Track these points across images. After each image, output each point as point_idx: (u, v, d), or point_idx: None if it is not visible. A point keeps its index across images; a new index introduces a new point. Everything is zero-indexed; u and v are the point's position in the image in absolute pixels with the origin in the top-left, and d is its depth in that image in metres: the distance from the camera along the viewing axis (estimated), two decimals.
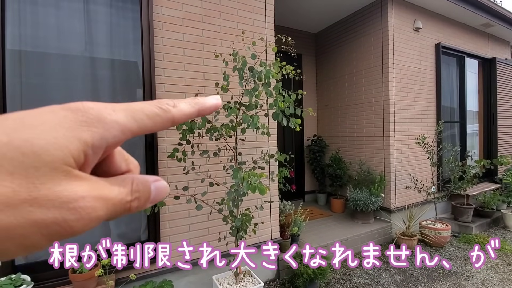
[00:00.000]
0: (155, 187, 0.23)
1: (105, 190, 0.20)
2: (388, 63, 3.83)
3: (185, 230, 2.38)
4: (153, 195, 0.23)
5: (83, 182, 0.18)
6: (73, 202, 0.17)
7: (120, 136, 0.20)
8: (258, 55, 2.00)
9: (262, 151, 2.46)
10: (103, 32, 2.20)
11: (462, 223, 4.19)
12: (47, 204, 0.17)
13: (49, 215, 0.17)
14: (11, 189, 0.16)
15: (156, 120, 0.21)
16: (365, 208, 3.75)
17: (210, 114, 2.09)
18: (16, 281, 1.75)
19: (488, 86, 5.40)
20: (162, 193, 0.23)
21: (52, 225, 0.17)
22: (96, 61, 2.20)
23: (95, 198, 0.19)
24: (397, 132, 3.93)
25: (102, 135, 0.19)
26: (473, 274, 3.03)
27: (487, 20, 4.61)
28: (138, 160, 1.89)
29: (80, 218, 0.18)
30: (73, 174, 0.18)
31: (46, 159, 0.17)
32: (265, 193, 1.61)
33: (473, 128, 5.48)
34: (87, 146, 0.18)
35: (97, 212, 0.19)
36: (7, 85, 1.87)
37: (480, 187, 4.89)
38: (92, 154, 0.19)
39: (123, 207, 0.20)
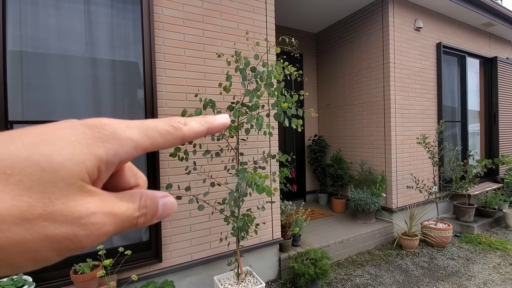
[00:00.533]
0: (163, 203, 0.23)
1: (115, 206, 0.20)
2: (389, 62, 3.82)
3: (186, 231, 2.38)
4: (160, 212, 0.23)
5: (95, 197, 0.19)
6: (85, 218, 0.18)
7: (133, 153, 0.21)
8: (261, 55, 2.00)
9: (263, 151, 2.45)
10: (104, 32, 2.20)
11: (463, 223, 4.18)
12: (61, 219, 0.17)
13: (61, 230, 0.17)
14: (27, 203, 0.16)
15: (167, 138, 0.22)
16: (367, 208, 3.74)
17: (213, 114, 2.09)
18: (18, 282, 1.75)
19: (490, 86, 5.39)
20: (170, 210, 0.24)
21: (63, 240, 0.17)
22: (97, 61, 2.20)
23: (105, 214, 0.19)
24: (398, 131, 3.92)
25: (116, 151, 0.20)
26: (475, 274, 3.02)
27: (488, 20, 4.60)
28: (139, 159, 1.90)
29: (90, 234, 0.18)
30: (87, 190, 0.18)
31: (63, 175, 0.17)
32: (272, 195, 1.61)
33: (475, 127, 5.46)
34: (102, 161, 0.19)
35: (106, 228, 0.19)
36: (8, 86, 1.87)
37: (481, 186, 4.88)
38: (105, 170, 0.20)
39: (130, 222, 0.21)
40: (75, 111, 2.14)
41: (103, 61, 2.22)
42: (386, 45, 3.86)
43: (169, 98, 2.29)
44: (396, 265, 3.21)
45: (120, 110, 2.32)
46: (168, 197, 0.24)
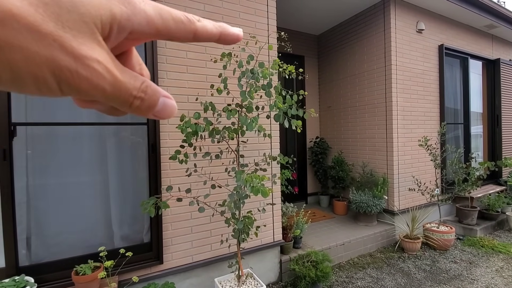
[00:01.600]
0: (164, 101, 0.23)
1: (118, 70, 0.20)
2: (391, 64, 3.82)
3: (187, 232, 2.38)
4: (159, 107, 0.22)
5: (103, 50, 0.19)
6: (89, 60, 0.18)
7: (145, 27, 0.20)
8: (256, 56, 2.00)
9: (264, 153, 2.45)
10: None
11: (466, 225, 4.15)
12: (68, 49, 0.17)
13: (66, 59, 0.17)
14: (42, 16, 0.16)
15: (180, 26, 0.22)
16: (368, 210, 3.73)
17: (213, 116, 2.10)
18: (20, 283, 1.76)
19: (492, 88, 5.36)
20: (169, 111, 0.23)
21: (65, 69, 0.17)
22: None
23: (107, 70, 0.19)
24: (400, 134, 3.91)
25: (129, 16, 0.19)
26: (477, 277, 2.99)
27: (491, 21, 4.59)
28: (142, 161, 1.91)
29: (89, 77, 0.18)
30: (97, 38, 0.18)
31: (80, 9, 0.17)
32: (268, 196, 1.61)
33: (477, 129, 5.43)
34: (115, 20, 0.19)
35: (104, 83, 0.19)
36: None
37: (484, 189, 4.85)
38: (116, 33, 0.19)
39: (125, 98, 0.20)
40: (77, 113, 2.16)
41: None
42: (387, 47, 3.85)
43: None
44: (398, 268, 3.19)
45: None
46: (171, 99, 0.23)
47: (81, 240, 2.14)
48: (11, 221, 1.89)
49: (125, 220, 2.31)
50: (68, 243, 2.11)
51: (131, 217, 2.33)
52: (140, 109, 0.22)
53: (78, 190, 2.18)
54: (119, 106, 0.21)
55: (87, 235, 2.18)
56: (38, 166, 2.05)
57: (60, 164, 2.11)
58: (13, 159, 1.90)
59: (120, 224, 2.29)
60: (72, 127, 2.15)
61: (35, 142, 2.05)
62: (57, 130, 2.10)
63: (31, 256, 2.02)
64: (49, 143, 2.09)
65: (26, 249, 2.01)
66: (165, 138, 2.28)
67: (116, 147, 2.30)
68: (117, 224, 2.27)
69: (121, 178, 2.31)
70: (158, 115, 0.23)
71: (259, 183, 1.54)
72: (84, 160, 2.21)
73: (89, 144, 2.23)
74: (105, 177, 2.26)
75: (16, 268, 1.91)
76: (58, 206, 2.11)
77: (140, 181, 2.35)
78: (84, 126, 2.18)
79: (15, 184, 1.91)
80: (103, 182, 2.25)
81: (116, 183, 2.28)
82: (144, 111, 0.22)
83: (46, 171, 2.08)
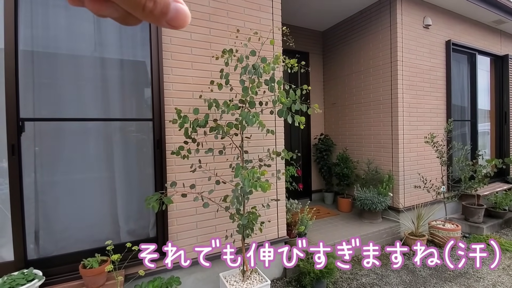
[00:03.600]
0: (175, 6, 0.22)
1: None
2: (397, 61, 3.78)
3: (192, 228, 2.40)
4: (171, 12, 0.22)
5: None
6: None
7: None
8: (258, 51, 2.00)
9: (268, 149, 2.45)
10: (112, 33, 2.23)
11: (472, 223, 4.11)
12: None
13: None
14: None
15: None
16: (373, 207, 3.71)
17: (215, 113, 2.10)
18: (28, 276, 1.80)
19: (501, 84, 5.27)
20: (181, 18, 0.23)
21: None
22: (106, 61, 2.23)
23: None
24: (405, 130, 3.87)
25: None
26: (484, 275, 2.97)
27: (499, 17, 4.50)
28: (147, 157, 1.93)
29: None
30: None
31: None
32: (267, 190, 1.62)
33: (485, 127, 5.36)
34: None
35: None
36: (20, 85, 1.91)
37: (491, 187, 4.79)
38: None
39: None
40: (84, 109, 2.18)
41: (112, 61, 2.25)
42: (394, 43, 3.81)
43: (176, 96, 2.31)
44: (403, 265, 3.18)
45: (128, 108, 2.35)
46: (183, 4, 0.23)
47: (88, 235, 2.17)
48: (20, 215, 1.92)
49: (131, 215, 2.34)
50: (76, 238, 2.14)
51: (137, 212, 2.35)
52: (153, 14, 0.21)
53: (85, 185, 2.21)
54: (132, 9, 0.21)
55: (94, 229, 2.20)
56: (46, 161, 2.08)
57: (68, 160, 2.14)
58: (21, 154, 1.93)
59: (127, 219, 2.31)
60: (79, 123, 2.17)
61: (43, 138, 2.07)
62: (65, 126, 2.13)
63: (39, 250, 2.05)
64: (56, 139, 2.12)
65: (34, 243, 2.04)
66: (170, 134, 2.29)
67: (122, 143, 2.32)
68: (123, 219, 2.29)
69: (127, 174, 2.33)
70: (172, 23, 0.23)
71: (257, 178, 1.55)
72: (90, 156, 2.23)
73: (96, 140, 2.25)
74: (111, 172, 2.28)
75: (25, 262, 1.94)
76: (65, 201, 2.14)
77: (146, 177, 2.37)
78: (91, 122, 2.20)
79: (24, 179, 1.94)
80: (110, 178, 2.28)
81: (122, 179, 2.31)
82: (157, 17, 0.22)
83: (53, 166, 2.11)
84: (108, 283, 1.91)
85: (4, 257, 1.94)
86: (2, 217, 1.94)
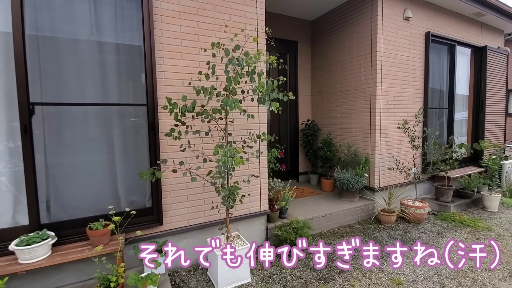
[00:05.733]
0: None
1: None
2: (377, 51, 4.04)
3: (183, 200, 2.74)
4: None
5: None
6: None
7: None
8: (242, 45, 2.27)
9: (250, 132, 2.76)
10: (111, 25, 2.48)
11: (442, 202, 4.52)
12: None
13: None
14: None
15: None
16: (350, 187, 4.09)
17: (202, 99, 2.39)
18: (43, 235, 2.13)
19: (479, 74, 5.56)
20: None
21: None
22: (104, 46, 2.49)
23: None
24: (383, 117, 4.19)
25: None
26: (442, 245, 3.38)
27: (478, 10, 4.73)
28: (143, 138, 2.27)
29: None
30: None
31: None
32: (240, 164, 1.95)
33: (463, 115, 5.69)
34: None
35: None
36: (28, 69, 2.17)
37: (463, 170, 5.18)
38: None
39: None
40: (85, 93, 2.46)
41: (110, 46, 2.51)
42: (374, 34, 4.06)
43: (168, 84, 2.59)
44: (372, 237, 3.59)
45: (125, 92, 2.63)
46: None
47: (92, 204, 2.51)
48: (33, 187, 2.24)
49: (129, 188, 2.67)
50: (82, 206, 2.48)
51: (135, 186, 2.68)
52: None
53: (88, 161, 2.52)
54: None
55: (98, 199, 2.54)
56: (54, 141, 2.38)
57: (73, 139, 2.44)
58: (33, 134, 2.23)
59: (126, 191, 2.65)
60: (83, 107, 2.45)
61: (50, 120, 2.36)
62: (70, 109, 2.41)
63: (50, 216, 2.39)
64: (62, 121, 2.41)
65: (46, 210, 2.37)
66: (163, 118, 2.59)
67: (121, 125, 2.62)
68: (123, 191, 2.63)
69: (125, 152, 2.65)
70: None
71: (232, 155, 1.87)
72: (93, 137, 2.53)
73: (97, 122, 2.55)
74: (111, 151, 2.59)
75: (39, 225, 2.28)
76: (72, 176, 2.46)
77: (142, 155, 2.68)
78: (92, 106, 2.49)
79: (35, 156, 2.25)
80: (110, 156, 2.59)
81: (121, 157, 2.62)
82: None
83: (60, 145, 2.41)
84: (112, 243, 2.27)
85: (19, 222, 2.27)
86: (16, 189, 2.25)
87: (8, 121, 2.20)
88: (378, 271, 2.80)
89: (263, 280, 2.63)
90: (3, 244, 2.12)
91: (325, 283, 2.59)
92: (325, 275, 2.71)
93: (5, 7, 2.09)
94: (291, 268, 2.83)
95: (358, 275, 2.72)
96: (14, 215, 2.26)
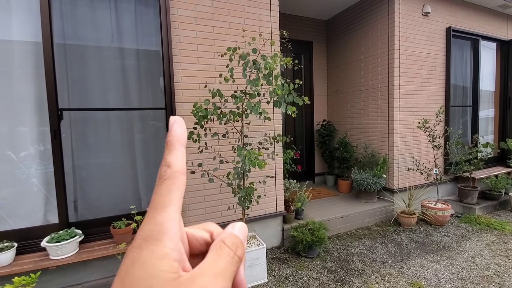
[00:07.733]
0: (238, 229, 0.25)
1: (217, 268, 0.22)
2: (394, 49, 3.95)
3: (201, 201, 2.82)
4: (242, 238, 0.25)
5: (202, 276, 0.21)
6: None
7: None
8: (259, 48, 2.30)
9: (265, 133, 2.80)
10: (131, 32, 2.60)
11: (466, 204, 4.33)
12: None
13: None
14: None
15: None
16: (368, 188, 4.01)
17: (220, 102, 2.45)
18: (71, 233, 2.27)
19: (506, 69, 5.28)
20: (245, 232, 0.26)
21: None
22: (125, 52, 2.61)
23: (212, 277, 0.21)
24: (401, 116, 4.09)
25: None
26: (466, 249, 3.25)
27: (504, 2, 4.50)
28: (162, 141, 2.37)
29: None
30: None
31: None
32: (263, 167, 1.98)
33: (489, 112, 5.43)
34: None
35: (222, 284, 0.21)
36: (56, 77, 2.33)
37: (490, 170, 4.94)
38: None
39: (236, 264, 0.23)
40: (108, 98, 2.59)
41: (130, 51, 2.63)
42: (391, 31, 3.97)
43: (185, 88, 2.67)
44: (391, 239, 3.51)
45: (144, 96, 2.74)
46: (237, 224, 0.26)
47: (115, 204, 2.63)
48: (62, 187, 2.39)
49: (150, 189, 2.77)
50: (106, 206, 2.61)
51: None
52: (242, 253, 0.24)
53: (111, 163, 2.65)
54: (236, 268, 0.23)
55: (120, 199, 2.66)
56: (80, 144, 2.52)
57: (97, 142, 2.58)
58: (61, 138, 2.38)
59: (147, 192, 2.76)
60: (106, 112, 2.59)
61: (76, 124, 2.51)
62: (94, 114, 2.55)
63: (77, 215, 2.53)
64: (87, 125, 2.55)
65: (73, 210, 2.52)
66: None
67: (141, 128, 2.73)
68: (144, 191, 2.74)
69: (146, 155, 2.76)
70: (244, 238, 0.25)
71: (255, 157, 1.90)
72: (115, 139, 2.66)
73: (119, 126, 2.67)
74: (133, 152, 2.71)
75: (67, 223, 2.43)
76: (97, 177, 2.60)
77: (161, 157, 2.77)
78: (114, 111, 2.62)
79: (64, 159, 2.40)
80: (132, 157, 2.71)
81: (142, 159, 2.74)
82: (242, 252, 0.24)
83: (86, 149, 2.55)
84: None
85: (50, 220, 2.43)
86: (47, 190, 2.41)
87: (39, 126, 2.36)
88: (398, 274, 2.74)
89: (279, 281, 2.65)
90: (36, 241, 2.27)
91: (342, 285, 2.57)
92: (343, 277, 2.69)
93: (35, 17, 2.25)
94: (307, 269, 2.83)
95: (377, 278, 2.67)
96: (45, 213, 2.42)
